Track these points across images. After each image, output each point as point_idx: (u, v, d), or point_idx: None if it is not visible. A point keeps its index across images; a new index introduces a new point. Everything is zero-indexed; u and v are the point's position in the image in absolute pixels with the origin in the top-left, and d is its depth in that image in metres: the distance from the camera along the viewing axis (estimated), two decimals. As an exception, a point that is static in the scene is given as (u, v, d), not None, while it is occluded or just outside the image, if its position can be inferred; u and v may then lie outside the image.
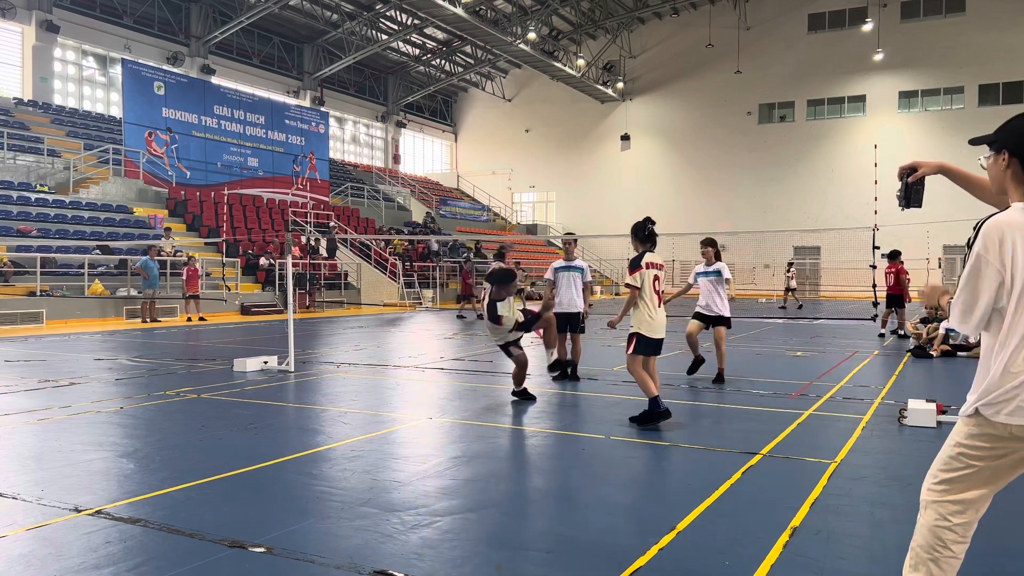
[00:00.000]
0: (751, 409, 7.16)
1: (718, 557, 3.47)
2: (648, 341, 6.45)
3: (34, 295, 18.38)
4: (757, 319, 20.74)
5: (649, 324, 6.43)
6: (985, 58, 36.38)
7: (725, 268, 9.02)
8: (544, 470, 5.02)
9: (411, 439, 5.95)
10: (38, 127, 27.05)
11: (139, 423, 6.49)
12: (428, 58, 44.62)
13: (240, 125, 31.07)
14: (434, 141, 51.15)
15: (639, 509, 4.24)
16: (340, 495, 4.41)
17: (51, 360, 10.92)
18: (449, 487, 4.58)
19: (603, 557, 3.47)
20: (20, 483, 4.63)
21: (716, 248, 9.17)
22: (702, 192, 42.38)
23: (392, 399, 7.91)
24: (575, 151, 46.59)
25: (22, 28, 28.32)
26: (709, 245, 9.13)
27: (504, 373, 9.79)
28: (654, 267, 6.52)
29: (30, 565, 3.35)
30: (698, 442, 5.78)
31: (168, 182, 27.94)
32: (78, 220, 22.68)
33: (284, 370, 9.70)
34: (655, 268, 6.53)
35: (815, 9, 40.01)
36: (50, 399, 7.62)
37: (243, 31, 35.00)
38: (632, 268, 6.46)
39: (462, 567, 3.35)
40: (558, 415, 6.94)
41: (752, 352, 12.18)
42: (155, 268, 18.74)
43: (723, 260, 9.19)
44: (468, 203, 46.59)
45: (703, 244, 9.17)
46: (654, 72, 44.21)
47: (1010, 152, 2.39)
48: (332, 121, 40.50)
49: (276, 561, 3.42)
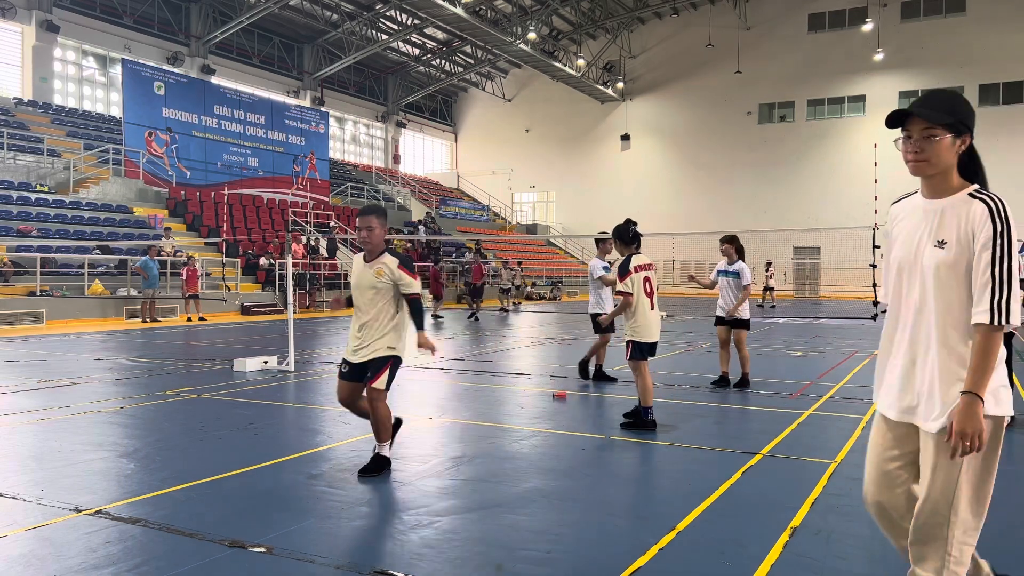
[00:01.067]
0: (751, 409, 7.16)
1: (718, 557, 3.47)
2: (643, 346, 6.42)
3: (34, 295, 18.38)
4: (757, 319, 20.73)
5: (643, 330, 6.39)
6: (985, 58, 36.37)
7: (746, 272, 8.25)
8: (544, 470, 5.02)
9: (411, 439, 5.95)
10: (38, 127, 27.05)
11: (139, 423, 6.49)
12: (428, 58, 44.62)
13: (240, 125, 31.07)
14: (434, 141, 51.15)
15: (639, 509, 4.24)
16: (340, 495, 4.41)
17: (51, 360, 10.92)
18: (449, 487, 4.58)
19: (603, 557, 3.47)
20: (20, 483, 4.63)
21: (737, 245, 8.36)
22: (702, 192, 42.37)
23: (392, 399, 7.88)
24: (575, 151, 46.59)
25: (22, 28, 28.32)
26: (729, 242, 8.35)
27: (504, 373, 9.79)
28: (643, 269, 6.48)
29: (30, 565, 3.35)
30: (698, 442, 5.78)
31: (168, 182, 27.94)
32: (78, 220, 22.68)
33: (284, 370, 9.70)
34: (645, 270, 6.49)
35: (815, 9, 40.00)
36: (50, 399, 7.62)
37: (243, 31, 34.99)
38: (622, 274, 6.38)
39: (462, 567, 3.35)
40: (558, 415, 6.94)
41: (752, 352, 12.16)
42: (155, 268, 18.73)
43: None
44: (468, 203, 46.59)
45: (722, 241, 8.40)
46: (654, 72, 44.20)
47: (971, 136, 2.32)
48: (332, 121, 40.50)
49: (276, 561, 3.42)
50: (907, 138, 2.33)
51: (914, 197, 2.44)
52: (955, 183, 2.32)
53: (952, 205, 2.29)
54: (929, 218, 2.33)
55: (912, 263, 2.35)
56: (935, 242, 2.28)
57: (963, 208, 2.27)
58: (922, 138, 2.29)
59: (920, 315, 2.32)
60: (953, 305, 2.25)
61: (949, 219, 2.28)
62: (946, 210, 2.29)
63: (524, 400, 7.78)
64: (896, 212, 2.50)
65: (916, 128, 2.30)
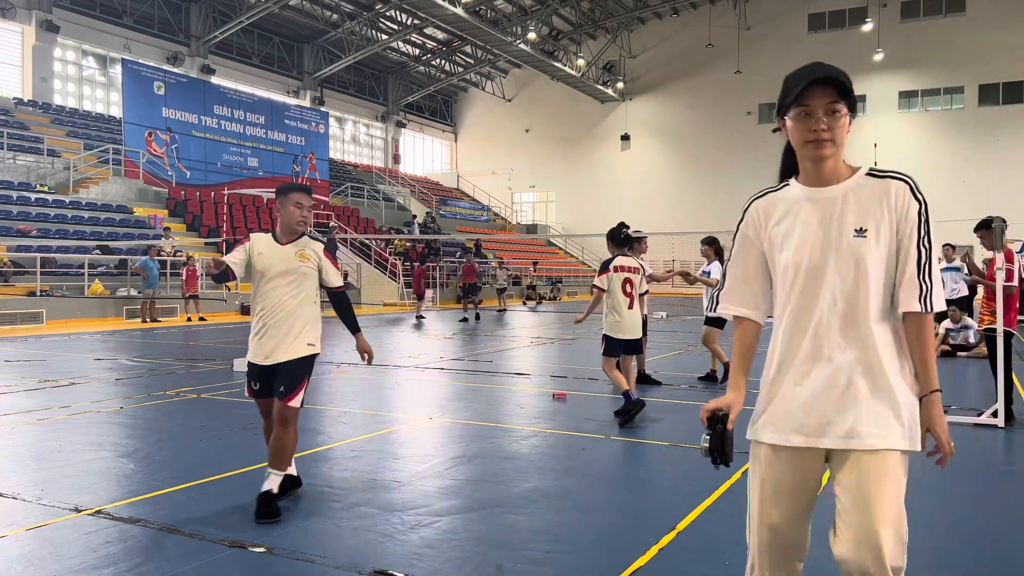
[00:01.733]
0: (751, 409, 7.15)
1: (718, 557, 3.47)
2: (616, 342, 6.69)
3: (34, 295, 18.38)
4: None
5: (616, 326, 6.68)
6: (985, 58, 36.36)
7: (715, 268, 8.68)
8: (544, 470, 5.02)
9: (411, 439, 5.95)
10: (38, 127, 27.05)
11: (139, 423, 6.49)
12: (428, 58, 44.62)
13: (240, 125, 31.07)
14: (434, 141, 51.14)
15: (639, 509, 4.24)
16: (340, 495, 4.41)
17: (51, 360, 10.92)
18: (449, 487, 4.58)
19: (603, 557, 3.47)
20: (20, 483, 4.63)
21: (716, 247, 8.85)
22: (702, 192, 42.37)
23: (392, 399, 7.91)
24: (575, 151, 46.59)
25: (22, 28, 28.32)
26: (708, 244, 8.90)
27: (504, 373, 9.78)
28: (624, 270, 6.76)
29: (30, 565, 3.35)
30: (698, 442, 5.77)
31: (168, 182, 27.94)
32: (78, 220, 22.68)
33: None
34: (626, 271, 6.76)
35: (815, 9, 40.00)
36: (50, 399, 7.62)
37: (243, 31, 34.99)
38: (601, 270, 6.78)
39: (462, 567, 3.35)
40: (558, 415, 6.94)
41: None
42: (155, 268, 18.73)
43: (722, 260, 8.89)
44: (468, 203, 46.59)
45: (702, 243, 8.95)
46: (654, 72, 44.20)
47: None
48: (332, 121, 40.49)
49: (276, 561, 3.42)
50: (806, 115, 1.99)
51: (784, 191, 2.12)
52: (845, 166, 2.06)
53: (856, 189, 2.01)
54: (828, 207, 2.01)
55: (819, 261, 2.00)
56: (852, 231, 1.97)
57: (875, 190, 2.00)
58: (828, 113, 1.98)
59: (837, 317, 1.99)
60: (880, 298, 1.99)
61: (861, 204, 1.99)
62: (850, 195, 2.01)
63: (524, 400, 7.78)
64: (761, 212, 2.14)
65: (822, 102, 1.97)
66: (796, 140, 2.04)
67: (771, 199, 2.14)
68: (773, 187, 2.17)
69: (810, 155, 2.02)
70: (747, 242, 2.17)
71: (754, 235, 2.15)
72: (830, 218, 2.01)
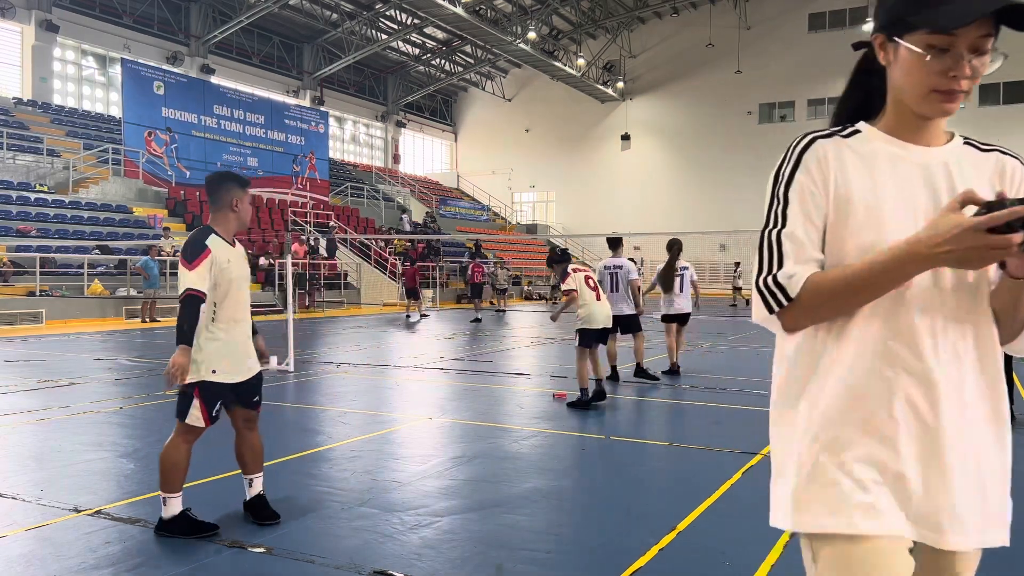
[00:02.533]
0: (751, 409, 7.16)
1: (718, 557, 3.47)
2: (591, 332, 7.26)
3: (34, 295, 18.37)
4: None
5: (588, 318, 7.30)
6: (985, 58, 36.36)
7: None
8: (544, 470, 5.02)
9: (411, 439, 5.95)
10: (38, 127, 27.04)
11: (139, 423, 6.49)
12: (428, 58, 44.61)
13: (240, 125, 31.06)
14: (434, 141, 51.13)
15: (639, 509, 4.24)
16: (340, 495, 4.41)
17: (51, 360, 10.92)
18: (449, 487, 4.58)
19: (603, 557, 3.47)
20: (20, 483, 4.63)
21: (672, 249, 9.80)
22: (702, 192, 42.37)
23: (392, 399, 7.91)
24: (575, 151, 46.58)
25: (22, 28, 28.30)
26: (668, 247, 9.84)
27: (504, 373, 9.78)
28: (580, 271, 7.53)
29: (30, 565, 3.35)
30: (698, 442, 5.78)
31: (168, 182, 27.93)
32: (78, 220, 22.67)
33: (284, 370, 9.69)
34: (582, 271, 7.55)
35: (815, 9, 40.00)
36: (50, 399, 7.62)
37: (243, 31, 34.98)
38: (563, 279, 7.49)
39: (462, 567, 3.35)
40: (558, 415, 6.94)
41: (752, 352, 12.18)
42: (155, 268, 18.73)
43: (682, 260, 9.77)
44: (468, 203, 46.57)
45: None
46: (654, 72, 44.20)
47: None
48: (332, 121, 40.49)
49: (276, 561, 3.42)
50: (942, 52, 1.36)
51: (856, 139, 1.48)
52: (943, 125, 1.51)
53: (959, 158, 1.48)
54: (932, 174, 1.45)
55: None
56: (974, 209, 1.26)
57: (984, 163, 1.49)
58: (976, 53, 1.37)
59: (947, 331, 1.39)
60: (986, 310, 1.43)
61: (966, 178, 1.45)
62: (951, 164, 1.46)
63: (524, 400, 7.78)
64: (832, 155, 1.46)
65: (974, 36, 1.34)
66: (915, 81, 1.40)
67: (839, 143, 1.47)
68: (831, 129, 1.52)
69: (932, 109, 1.43)
70: (812, 188, 1.44)
71: (822, 183, 1.44)
72: (939, 189, 1.44)
